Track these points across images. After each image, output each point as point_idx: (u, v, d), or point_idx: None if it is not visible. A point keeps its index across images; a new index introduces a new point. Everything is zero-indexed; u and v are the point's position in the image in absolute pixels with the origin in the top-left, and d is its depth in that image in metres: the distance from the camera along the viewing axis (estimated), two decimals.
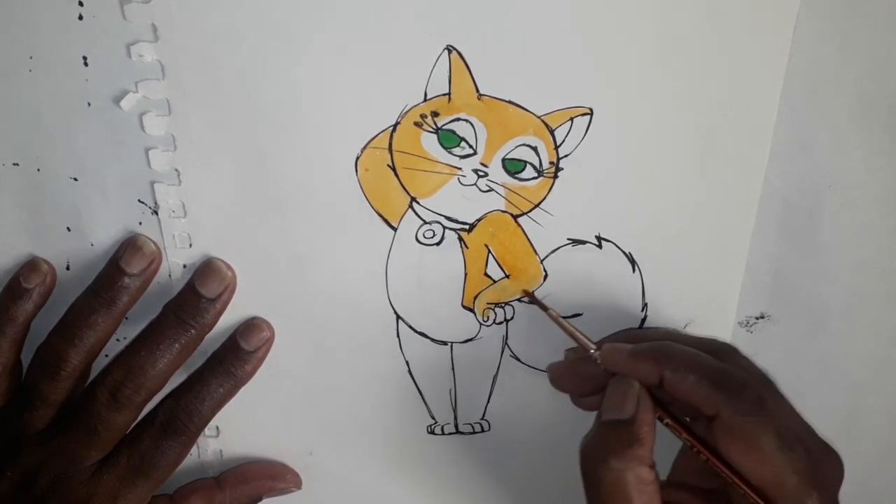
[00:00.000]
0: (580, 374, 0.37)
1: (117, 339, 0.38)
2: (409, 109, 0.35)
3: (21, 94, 0.35)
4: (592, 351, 0.36)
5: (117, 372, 0.37)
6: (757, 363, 0.35)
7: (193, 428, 0.38)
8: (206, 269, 0.38)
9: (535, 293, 0.39)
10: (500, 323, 0.40)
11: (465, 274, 0.39)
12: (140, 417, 0.38)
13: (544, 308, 0.38)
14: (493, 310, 0.40)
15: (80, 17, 0.33)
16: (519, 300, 0.40)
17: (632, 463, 0.32)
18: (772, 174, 0.37)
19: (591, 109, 0.36)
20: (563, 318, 0.40)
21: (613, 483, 0.32)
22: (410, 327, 0.40)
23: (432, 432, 0.43)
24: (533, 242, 0.38)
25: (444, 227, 0.38)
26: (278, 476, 0.43)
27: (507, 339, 0.41)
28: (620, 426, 0.33)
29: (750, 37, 0.34)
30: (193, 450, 0.41)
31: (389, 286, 0.39)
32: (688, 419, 0.35)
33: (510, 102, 0.35)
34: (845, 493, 0.33)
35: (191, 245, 0.38)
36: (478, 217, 0.38)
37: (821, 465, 0.32)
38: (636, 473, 0.31)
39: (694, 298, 0.40)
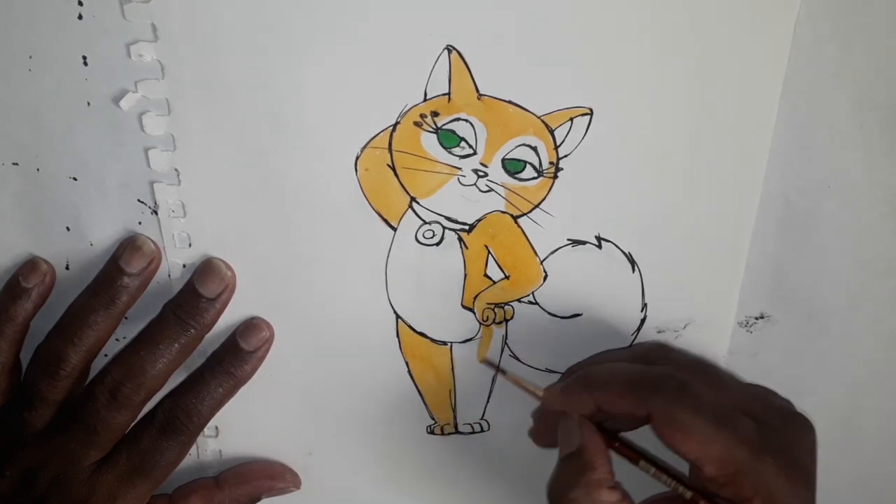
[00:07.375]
0: (551, 427, 0.37)
1: (117, 339, 0.38)
2: (409, 109, 0.35)
3: (21, 93, 0.35)
4: (540, 397, 0.37)
5: (117, 371, 0.37)
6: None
7: (193, 428, 0.38)
8: (206, 268, 0.38)
9: (536, 294, 0.39)
10: (500, 323, 0.40)
11: (465, 274, 0.39)
12: (139, 417, 0.38)
13: (503, 372, 0.39)
14: (493, 310, 0.40)
15: (80, 17, 0.33)
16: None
17: (588, 489, 0.33)
18: (772, 174, 0.37)
19: (591, 109, 0.36)
20: (563, 317, 0.40)
21: None
22: (410, 327, 0.40)
23: (432, 432, 0.43)
24: (533, 243, 0.38)
25: (444, 228, 0.38)
26: (277, 476, 0.43)
27: (506, 338, 0.41)
28: (572, 458, 0.34)
29: (750, 37, 0.34)
30: (193, 450, 0.41)
31: (389, 286, 0.39)
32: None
33: (510, 102, 0.35)
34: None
35: (190, 245, 0.38)
36: (477, 217, 0.38)
37: (777, 429, 0.33)
38: (594, 498, 0.32)
39: (694, 298, 0.40)
